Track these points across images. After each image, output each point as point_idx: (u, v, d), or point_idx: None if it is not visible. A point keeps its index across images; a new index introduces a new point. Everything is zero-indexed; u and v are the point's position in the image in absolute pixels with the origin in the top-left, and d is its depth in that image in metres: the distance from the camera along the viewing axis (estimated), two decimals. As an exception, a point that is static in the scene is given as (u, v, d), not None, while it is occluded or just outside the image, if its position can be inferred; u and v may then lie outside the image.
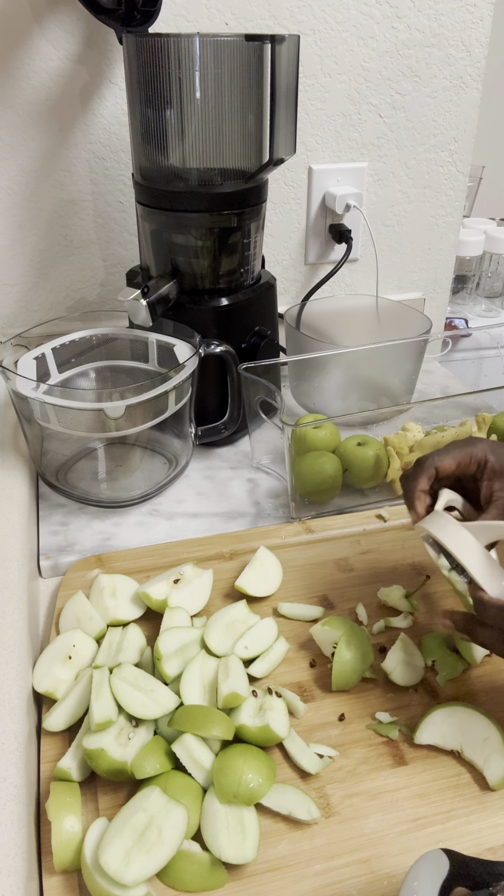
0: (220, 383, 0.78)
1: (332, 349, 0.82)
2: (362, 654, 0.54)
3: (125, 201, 0.88)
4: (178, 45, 0.63)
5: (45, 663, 0.54)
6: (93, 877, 0.41)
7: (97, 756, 0.46)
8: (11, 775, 0.43)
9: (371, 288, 1.04)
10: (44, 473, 0.75)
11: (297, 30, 0.83)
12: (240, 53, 0.65)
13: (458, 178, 1.00)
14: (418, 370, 0.91)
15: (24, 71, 0.78)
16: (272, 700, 0.51)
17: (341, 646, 0.53)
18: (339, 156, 0.93)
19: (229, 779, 0.45)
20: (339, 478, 0.72)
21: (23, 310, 0.92)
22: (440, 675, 0.55)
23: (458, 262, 1.26)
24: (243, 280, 0.78)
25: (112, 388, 0.68)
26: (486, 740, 0.49)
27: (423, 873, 0.34)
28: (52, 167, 0.84)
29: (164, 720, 0.50)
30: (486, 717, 0.50)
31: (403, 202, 1.00)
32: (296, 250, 0.98)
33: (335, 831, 0.45)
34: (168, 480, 0.76)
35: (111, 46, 0.79)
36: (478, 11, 0.88)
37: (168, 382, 0.67)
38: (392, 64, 0.89)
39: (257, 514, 0.74)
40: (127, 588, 0.61)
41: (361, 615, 0.60)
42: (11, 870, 0.39)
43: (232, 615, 0.58)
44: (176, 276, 0.75)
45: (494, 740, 0.49)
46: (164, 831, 0.42)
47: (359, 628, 0.56)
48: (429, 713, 0.51)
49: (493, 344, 0.96)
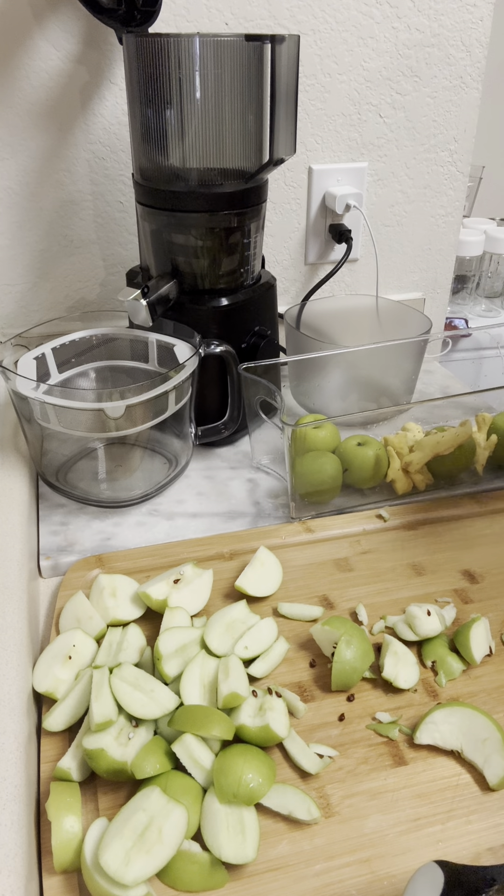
0: (220, 383, 0.78)
1: (332, 349, 0.82)
2: (362, 653, 0.54)
3: (125, 201, 0.88)
4: (178, 45, 0.63)
5: (45, 663, 0.54)
6: (93, 877, 0.41)
7: (97, 756, 0.46)
8: (11, 775, 0.43)
9: (371, 288, 1.04)
10: (44, 473, 0.75)
11: (297, 30, 0.83)
12: (240, 53, 0.65)
13: (458, 178, 1.00)
14: (418, 370, 0.91)
15: (24, 71, 0.78)
16: (272, 700, 0.51)
17: (341, 646, 0.53)
18: (339, 156, 0.93)
19: (229, 779, 0.45)
20: (339, 478, 0.72)
21: (23, 310, 0.92)
22: (440, 675, 0.55)
23: (458, 262, 1.27)
24: (243, 280, 0.78)
25: (112, 388, 0.68)
26: (486, 740, 0.49)
27: (420, 889, 0.35)
28: (52, 167, 0.84)
29: (164, 720, 0.50)
30: (487, 717, 0.50)
31: (403, 202, 1.00)
32: (296, 250, 0.98)
33: (335, 831, 0.45)
34: (168, 480, 0.76)
35: (111, 46, 0.79)
36: (478, 11, 0.88)
37: (168, 382, 0.67)
38: (392, 64, 0.89)
39: (257, 514, 0.74)
40: (127, 588, 0.61)
41: (361, 615, 0.60)
42: (11, 870, 0.39)
43: (232, 615, 0.58)
44: (176, 276, 0.75)
45: (494, 740, 0.49)
46: (164, 831, 0.42)
47: (359, 628, 0.56)
48: (429, 713, 0.51)
49: (493, 344, 0.96)
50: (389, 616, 0.60)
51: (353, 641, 0.54)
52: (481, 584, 0.64)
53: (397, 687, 0.53)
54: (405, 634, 0.57)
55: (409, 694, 0.54)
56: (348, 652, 0.53)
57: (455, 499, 0.75)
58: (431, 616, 0.57)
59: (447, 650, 0.56)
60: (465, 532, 0.71)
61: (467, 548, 0.69)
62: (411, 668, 0.55)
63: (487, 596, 0.63)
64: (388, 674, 0.54)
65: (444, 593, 0.63)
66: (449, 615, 0.60)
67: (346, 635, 0.54)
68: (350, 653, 0.53)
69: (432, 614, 0.57)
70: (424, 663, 0.56)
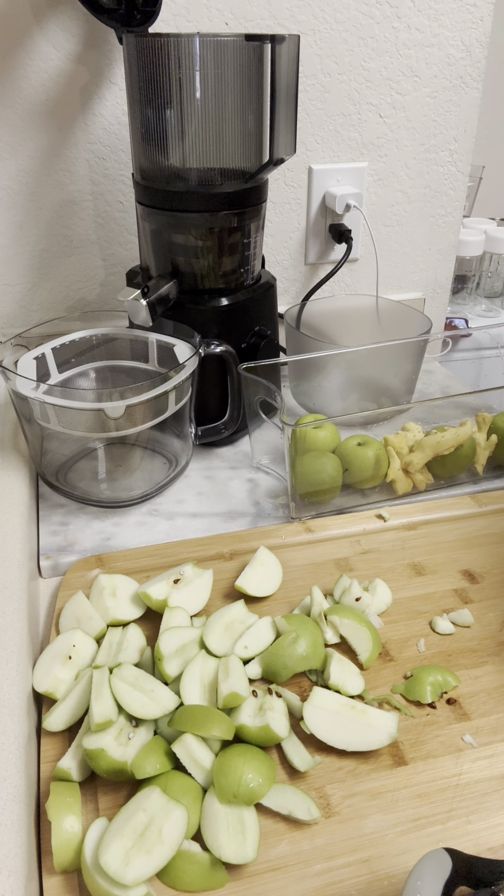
0: (220, 383, 0.78)
1: (332, 349, 0.82)
2: (304, 655, 0.54)
3: (125, 201, 0.88)
4: (178, 45, 0.63)
5: (45, 663, 0.54)
6: (93, 877, 0.41)
7: (97, 756, 0.46)
8: (11, 775, 0.43)
9: (371, 288, 1.04)
10: (44, 473, 0.75)
11: (297, 30, 0.83)
12: (240, 53, 0.65)
13: (458, 178, 1.00)
14: (418, 370, 0.91)
15: (24, 71, 0.78)
16: (272, 700, 0.51)
17: (284, 639, 0.55)
18: (339, 156, 0.93)
19: (229, 779, 0.45)
20: (339, 478, 0.72)
21: (23, 310, 0.92)
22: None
23: (458, 262, 1.27)
24: (243, 280, 0.78)
25: (112, 388, 0.68)
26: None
27: (427, 873, 0.34)
28: (52, 167, 0.84)
29: (164, 720, 0.50)
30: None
31: (403, 202, 1.00)
32: (296, 250, 0.98)
33: (335, 831, 0.45)
34: (168, 480, 0.76)
35: (111, 46, 0.79)
36: (478, 11, 0.88)
37: (168, 382, 0.67)
38: (392, 64, 0.89)
39: (257, 514, 0.74)
40: (127, 588, 0.61)
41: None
42: (11, 870, 0.39)
43: (230, 615, 0.58)
44: (176, 276, 0.75)
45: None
46: (164, 831, 0.42)
47: (316, 630, 0.56)
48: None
49: (493, 344, 0.96)
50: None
51: (299, 640, 0.54)
52: (481, 584, 0.64)
53: (347, 694, 0.53)
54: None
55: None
56: (289, 647, 0.54)
57: (455, 499, 0.75)
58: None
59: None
60: (465, 532, 0.71)
61: (467, 548, 0.69)
62: (356, 676, 0.54)
63: (487, 596, 0.63)
64: (335, 682, 0.53)
65: (444, 593, 0.63)
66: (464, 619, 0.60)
67: (294, 632, 0.55)
68: (290, 649, 0.54)
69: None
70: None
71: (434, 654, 0.57)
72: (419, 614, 0.61)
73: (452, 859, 0.35)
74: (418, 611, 0.62)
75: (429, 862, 0.35)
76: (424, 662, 0.57)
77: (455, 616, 0.60)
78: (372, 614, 0.60)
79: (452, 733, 0.51)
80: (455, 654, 0.57)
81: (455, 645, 0.58)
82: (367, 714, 0.51)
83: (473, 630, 0.60)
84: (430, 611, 0.62)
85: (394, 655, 0.57)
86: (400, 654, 0.57)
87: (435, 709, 0.53)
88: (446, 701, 0.53)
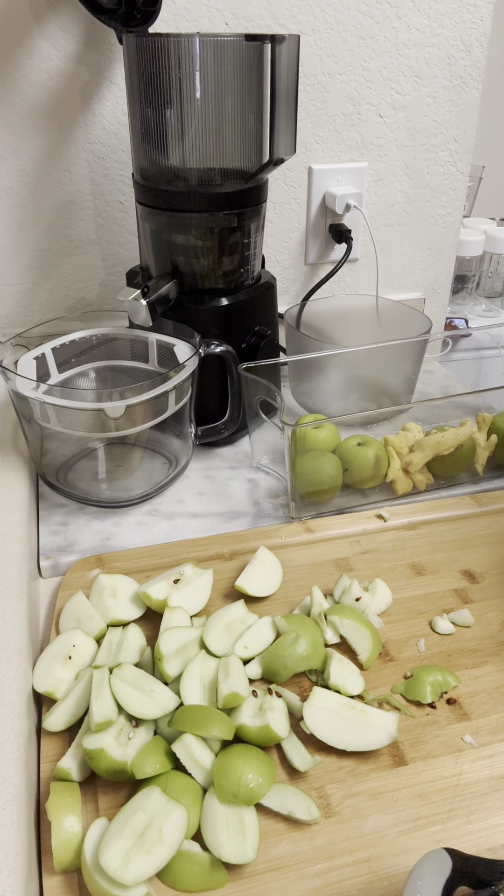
0: (220, 383, 0.78)
1: (332, 349, 0.82)
2: (305, 655, 0.54)
3: (125, 201, 0.88)
4: (178, 45, 0.63)
5: (45, 663, 0.54)
6: (93, 877, 0.41)
7: (97, 756, 0.46)
8: (11, 775, 0.43)
9: (371, 288, 1.04)
10: (44, 473, 0.75)
11: (297, 30, 0.83)
12: (240, 53, 0.65)
13: (458, 178, 1.00)
14: (418, 370, 0.91)
15: (24, 71, 0.78)
16: (272, 700, 0.51)
17: (284, 639, 0.55)
18: (339, 156, 0.93)
19: (229, 779, 0.45)
20: (339, 478, 0.72)
21: (23, 310, 0.92)
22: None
23: (458, 262, 1.27)
24: (243, 280, 0.78)
25: (112, 388, 0.68)
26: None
27: (427, 872, 0.34)
28: (52, 167, 0.84)
29: (164, 720, 0.50)
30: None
31: (403, 202, 1.00)
32: (296, 250, 0.98)
33: (335, 831, 0.45)
34: (168, 480, 0.76)
35: (111, 46, 0.79)
36: (478, 11, 0.88)
37: (168, 382, 0.67)
38: (392, 64, 0.89)
39: (257, 514, 0.74)
40: (127, 588, 0.61)
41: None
42: (11, 870, 0.39)
43: (230, 615, 0.58)
44: (176, 276, 0.75)
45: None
46: (164, 831, 0.42)
47: (317, 631, 0.56)
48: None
49: (493, 344, 0.96)
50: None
51: (299, 640, 0.54)
52: (481, 584, 0.64)
53: (347, 694, 0.53)
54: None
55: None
56: (289, 647, 0.54)
57: (455, 499, 0.75)
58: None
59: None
60: (465, 532, 0.71)
61: (467, 548, 0.69)
62: (356, 676, 0.54)
63: (487, 596, 0.63)
64: (335, 682, 0.53)
65: (444, 593, 0.63)
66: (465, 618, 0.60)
67: (294, 632, 0.55)
68: (290, 649, 0.54)
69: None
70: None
71: (434, 654, 0.57)
72: (419, 614, 0.61)
73: (452, 859, 0.35)
74: (418, 611, 0.62)
75: (429, 862, 0.35)
76: (424, 662, 0.57)
77: (455, 616, 0.60)
78: (372, 614, 0.60)
79: (452, 733, 0.51)
80: (455, 654, 0.57)
81: (455, 645, 0.58)
82: (367, 714, 0.51)
83: (473, 630, 0.60)
84: (430, 611, 0.62)
85: (394, 655, 0.57)
86: (400, 654, 0.57)
87: (435, 709, 0.53)
88: (446, 701, 0.53)
